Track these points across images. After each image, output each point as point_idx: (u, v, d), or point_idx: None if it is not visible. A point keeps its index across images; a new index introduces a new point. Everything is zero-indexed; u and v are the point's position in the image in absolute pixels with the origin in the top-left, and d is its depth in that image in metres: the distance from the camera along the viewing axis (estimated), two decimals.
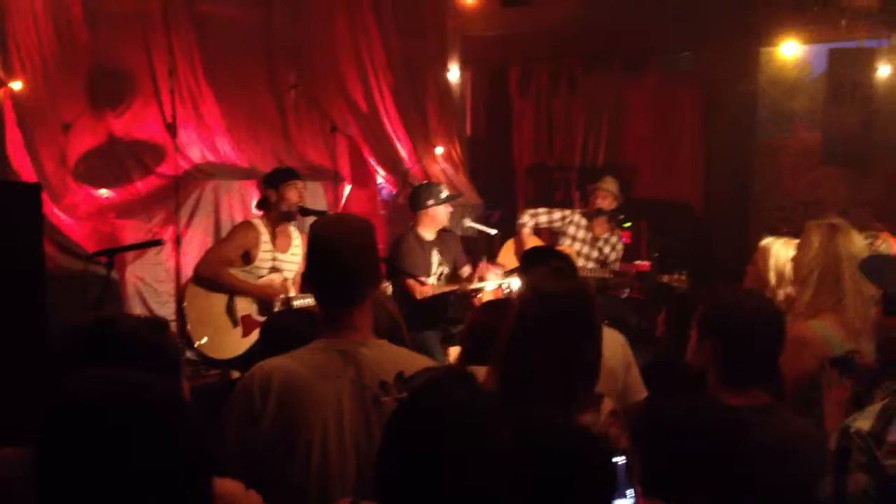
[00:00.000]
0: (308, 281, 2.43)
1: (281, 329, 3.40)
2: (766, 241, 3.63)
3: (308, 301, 4.93)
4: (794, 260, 3.28)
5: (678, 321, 2.85)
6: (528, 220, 6.41)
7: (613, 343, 3.01)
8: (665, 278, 6.00)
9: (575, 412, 2.15)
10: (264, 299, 4.99)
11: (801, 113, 8.76)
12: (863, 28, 7.62)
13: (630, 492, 1.90)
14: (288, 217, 5.06)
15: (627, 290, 6.38)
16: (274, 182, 5.05)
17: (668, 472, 1.93)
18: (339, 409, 2.24)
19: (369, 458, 2.21)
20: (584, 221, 6.46)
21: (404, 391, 1.70)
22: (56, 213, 6.30)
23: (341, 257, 2.33)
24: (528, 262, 3.89)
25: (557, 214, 6.51)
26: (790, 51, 8.29)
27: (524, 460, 1.62)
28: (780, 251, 3.53)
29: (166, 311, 6.42)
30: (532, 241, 6.26)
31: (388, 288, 5.02)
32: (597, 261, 6.37)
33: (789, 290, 3.41)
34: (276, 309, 4.84)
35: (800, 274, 3.19)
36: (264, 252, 4.98)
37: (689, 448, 1.91)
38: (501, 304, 3.08)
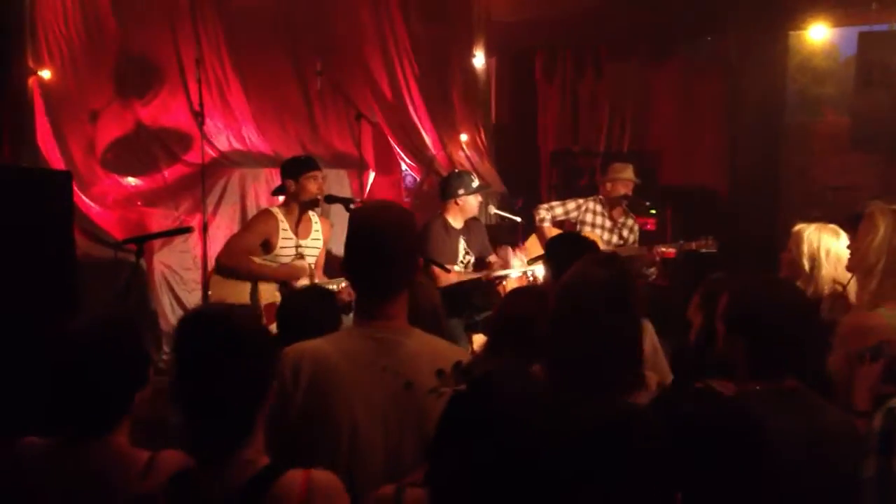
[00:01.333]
0: (345, 269, 2.43)
1: (296, 311, 3.42)
2: (799, 226, 3.57)
3: (332, 287, 4.94)
4: (857, 247, 3.13)
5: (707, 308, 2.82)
6: (545, 214, 6.44)
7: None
8: (693, 245, 6.06)
9: (624, 394, 2.15)
10: (289, 284, 4.98)
11: (830, 97, 8.66)
12: (894, 11, 7.51)
13: None
14: (310, 205, 5.05)
15: (654, 272, 6.34)
16: (293, 172, 5.02)
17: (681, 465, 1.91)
18: (370, 396, 2.25)
19: (400, 445, 2.23)
20: (599, 208, 6.48)
21: (462, 382, 1.71)
22: (85, 201, 6.36)
23: (381, 247, 2.32)
24: (555, 249, 3.89)
25: (572, 205, 6.53)
26: (818, 34, 8.17)
27: (577, 453, 1.63)
28: (813, 236, 3.48)
29: (193, 298, 6.47)
30: (553, 234, 6.25)
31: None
32: (616, 245, 6.39)
33: (837, 277, 3.34)
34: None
35: (865, 262, 3.04)
36: (285, 239, 4.96)
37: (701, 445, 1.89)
38: (529, 292, 3.07)
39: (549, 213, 6.46)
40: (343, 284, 4.83)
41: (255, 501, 1.80)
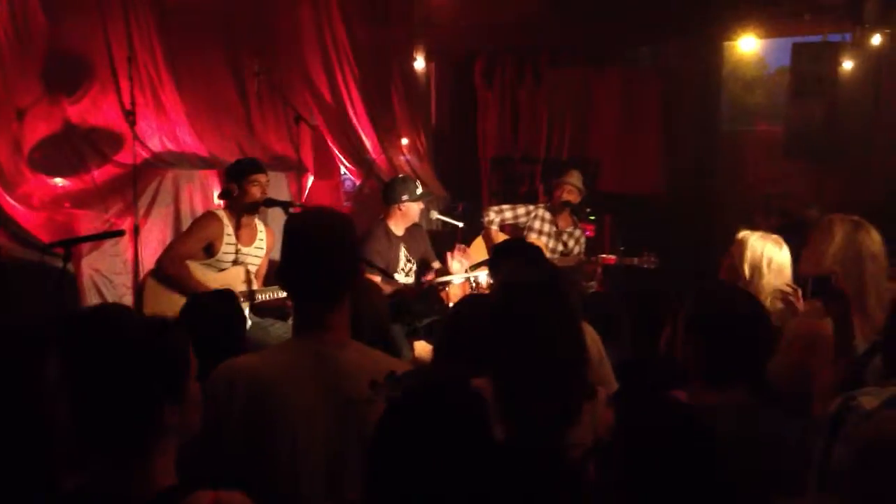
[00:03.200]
0: (281, 277, 2.33)
1: (198, 309, 3.34)
2: (743, 233, 3.59)
3: (271, 295, 4.83)
4: (812, 251, 3.20)
5: (651, 317, 2.83)
6: (494, 217, 6.42)
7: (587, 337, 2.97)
8: (635, 260, 6.08)
9: (572, 405, 2.12)
10: None
11: (760, 106, 8.83)
12: (827, 22, 7.69)
13: None
14: (252, 209, 4.94)
15: (594, 284, 6.37)
16: (236, 176, 4.92)
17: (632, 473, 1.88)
18: (310, 413, 2.16)
19: (341, 462, 2.15)
20: (547, 215, 6.48)
21: (396, 390, 1.66)
22: (10, 203, 6.11)
23: (319, 254, 2.24)
24: (499, 255, 3.85)
25: (522, 210, 6.52)
26: (748, 45, 8.33)
27: (513, 463, 1.59)
28: (757, 245, 3.50)
29: (123, 303, 6.27)
30: (500, 238, 6.23)
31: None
32: (561, 254, 6.39)
33: (776, 287, 3.37)
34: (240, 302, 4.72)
35: (820, 267, 3.11)
36: (227, 245, 4.85)
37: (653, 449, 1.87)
38: (478, 300, 3.03)
39: (499, 217, 6.44)
40: (279, 294, 4.75)
41: None
